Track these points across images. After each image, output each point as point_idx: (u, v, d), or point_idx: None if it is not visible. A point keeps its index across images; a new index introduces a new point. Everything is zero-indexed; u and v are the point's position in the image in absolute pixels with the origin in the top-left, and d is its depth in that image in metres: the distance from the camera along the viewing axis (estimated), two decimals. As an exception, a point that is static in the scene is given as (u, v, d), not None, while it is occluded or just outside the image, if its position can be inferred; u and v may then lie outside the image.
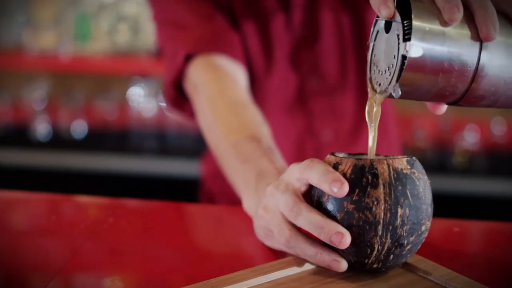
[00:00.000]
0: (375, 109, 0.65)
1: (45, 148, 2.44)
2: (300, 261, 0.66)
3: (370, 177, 0.60)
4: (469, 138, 2.43)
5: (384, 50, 0.62)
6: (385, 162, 0.61)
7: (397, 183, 0.60)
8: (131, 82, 2.62)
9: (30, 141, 2.49)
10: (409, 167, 0.62)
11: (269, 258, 0.71)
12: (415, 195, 0.61)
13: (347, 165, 0.62)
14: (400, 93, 0.60)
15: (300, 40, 1.13)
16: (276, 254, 0.71)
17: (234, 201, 0.88)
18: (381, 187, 0.60)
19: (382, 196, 0.60)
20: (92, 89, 2.73)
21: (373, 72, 0.65)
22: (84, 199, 1.00)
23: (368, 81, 0.65)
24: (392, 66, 0.60)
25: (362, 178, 0.61)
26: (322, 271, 0.65)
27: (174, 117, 2.33)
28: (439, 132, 2.49)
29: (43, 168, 2.40)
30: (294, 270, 0.65)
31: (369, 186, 0.60)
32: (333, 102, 1.16)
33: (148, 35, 2.56)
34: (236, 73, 1.03)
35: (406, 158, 0.62)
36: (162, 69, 1.16)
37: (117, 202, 0.94)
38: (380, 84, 0.63)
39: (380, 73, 0.63)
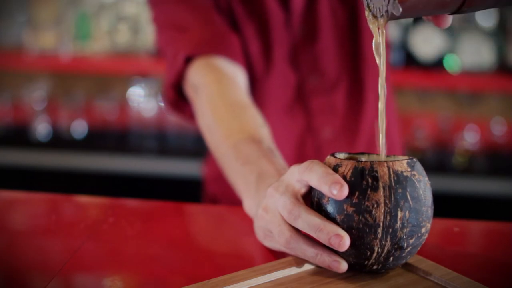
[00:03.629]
0: (379, 39, 0.64)
1: (45, 148, 2.44)
2: (300, 261, 0.66)
3: (370, 180, 0.60)
4: (469, 138, 2.43)
5: None
6: (385, 164, 0.61)
7: (397, 185, 0.60)
8: (131, 82, 2.62)
9: (30, 141, 2.49)
10: (409, 169, 0.62)
11: (269, 258, 0.71)
12: (415, 198, 0.61)
13: (347, 167, 0.62)
14: (400, 9, 0.58)
15: (299, 38, 1.13)
16: (276, 254, 0.71)
17: (237, 203, 0.88)
18: (381, 190, 0.60)
19: (382, 199, 0.60)
20: (92, 89, 2.72)
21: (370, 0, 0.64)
22: (84, 199, 1.00)
23: (366, 10, 0.64)
24: None
25: (362, 181, 0.60)
26: (322, 272, 0.65)
27: (174, 118, 2.33)
28: (439, 132, 2.49)
29: (43, 168, 2.39)
30: (294, 270, 0.65)
31: (369, 189, 0.60)
32: (331, 99, 1.17)
33: (148, 35, 2.55)
34: (236, 75, 1.03)
35: (406, 160, 0.62)
36: (162, 69, 1.16)
37: (117, 202, 0.94)
38: (379, 9, 0.62)
39: None
